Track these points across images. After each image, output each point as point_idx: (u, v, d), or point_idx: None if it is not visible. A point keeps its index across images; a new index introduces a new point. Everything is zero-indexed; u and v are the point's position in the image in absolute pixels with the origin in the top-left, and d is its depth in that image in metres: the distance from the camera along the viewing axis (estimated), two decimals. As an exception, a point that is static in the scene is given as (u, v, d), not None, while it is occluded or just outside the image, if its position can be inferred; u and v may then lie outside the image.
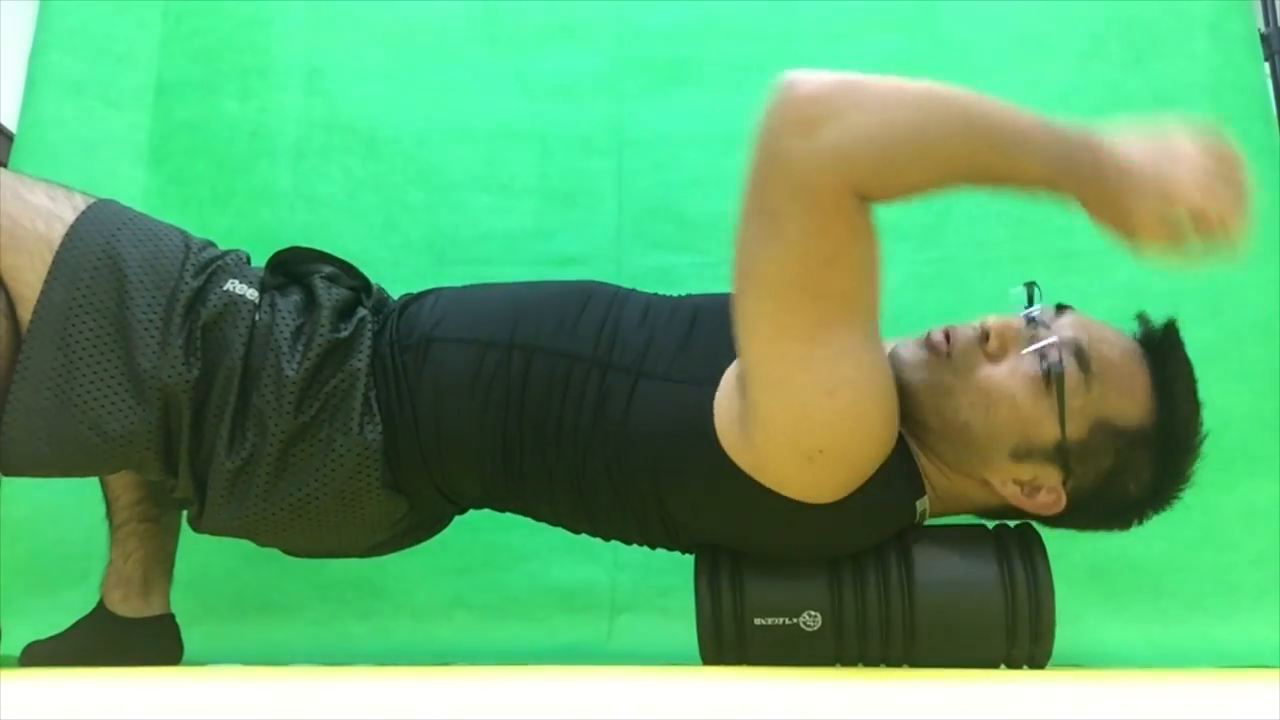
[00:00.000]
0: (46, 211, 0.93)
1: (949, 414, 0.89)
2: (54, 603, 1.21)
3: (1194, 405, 0.90)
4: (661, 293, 1.03)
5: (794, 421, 0.83)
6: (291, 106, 1.55)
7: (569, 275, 1.47)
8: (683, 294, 1.02)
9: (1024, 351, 0.88)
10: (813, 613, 0.90)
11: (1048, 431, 0.87)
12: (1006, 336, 0.89)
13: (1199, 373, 0.91)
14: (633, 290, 1.02)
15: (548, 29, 1.59)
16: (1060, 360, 0.86)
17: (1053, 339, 0.87)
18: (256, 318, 0.94)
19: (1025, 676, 0.86)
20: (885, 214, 1.57)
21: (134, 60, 1.56)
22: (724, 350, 0.89)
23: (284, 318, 0.95)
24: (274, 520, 0.94)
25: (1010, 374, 0.88)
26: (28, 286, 0.91)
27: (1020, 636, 0.90)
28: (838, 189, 0.79)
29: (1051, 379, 0.86)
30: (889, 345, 1.12)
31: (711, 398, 0.88)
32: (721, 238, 1.48)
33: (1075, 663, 1.15)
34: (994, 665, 0.92)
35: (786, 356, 0.82)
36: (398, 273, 1.43)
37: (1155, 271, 1.43)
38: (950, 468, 0.92)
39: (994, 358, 0.89)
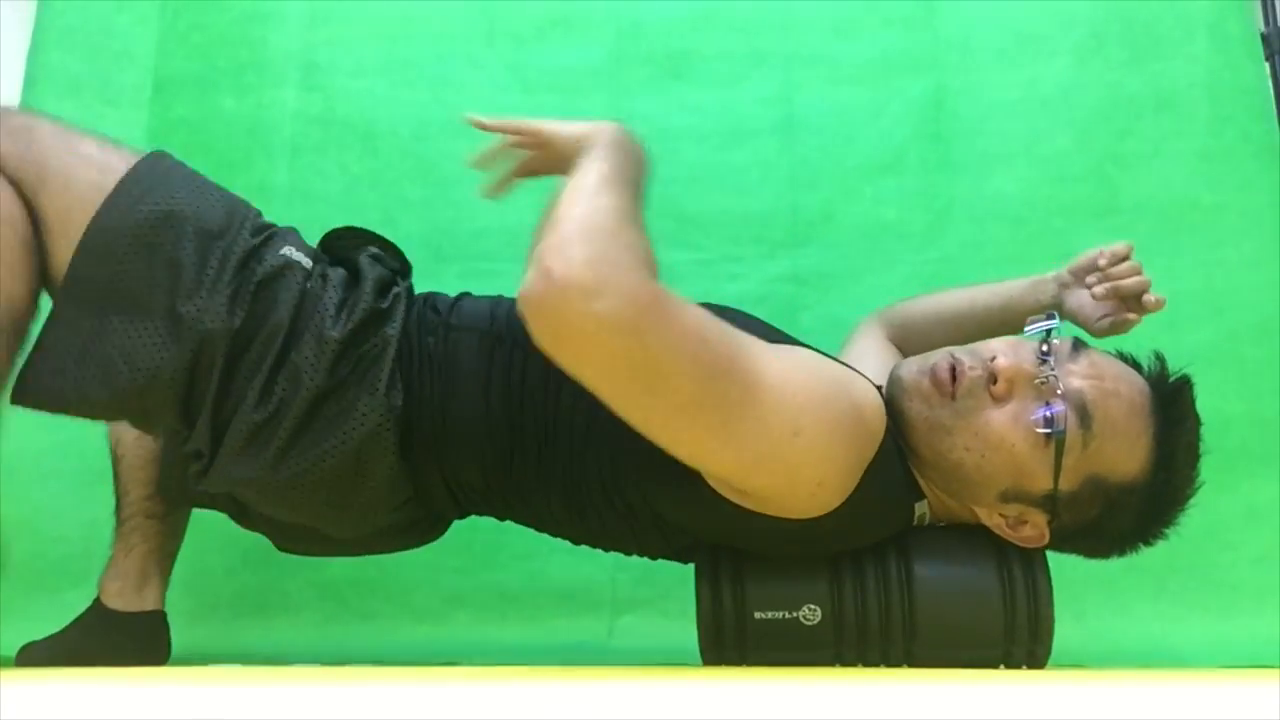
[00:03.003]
0: (100, 162, 0.93)
1: (944, 450, 0.89)
2: (54, 602, 1.21)
3: (1192, 467, 0.89)
4: None
5: (784, 477, 0.82)
6: (288, 102, 1.55)
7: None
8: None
9: (1031, 413, 0.86)
10: (813, 606, 0.91)
11: (1040, 483, 0.87)
12: (1016, 381, 0.87)
13: (1199, 373, 0.92)
14: None
15: (546, 23, 1.59)
16: (1064, 426, 0.85)
17: (1059, 400, 0.85)
18: (308, 285, 0.95)
19: (1025, 676, 0.86)
20: (886, 213, 1.58)
21: (132, 58, 1.56)
22: None
23: (333, 288, 0.96)
24: (284, 479, 0.92)
25: (1013, 422, 0.86)
26: (76, 228, 0.90)
27: (1019, 635, 0.91)
28: (652, 290, 0.75)
29: (1052, 438, 0.85)
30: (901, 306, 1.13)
31: None
32: (720, 233, 1.50)
33: (1076, 662, 1.15)
34: (993, 664, 0.92)
35: (743, 443, 0.80)
36: (396, 270, 1.43)
37: (1155, 272, 1.44)
38: (940, 490, 0.93)
39: (1000, 400, 0.87)
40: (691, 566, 0.96)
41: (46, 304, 0.92)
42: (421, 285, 1.07)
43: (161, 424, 0.97)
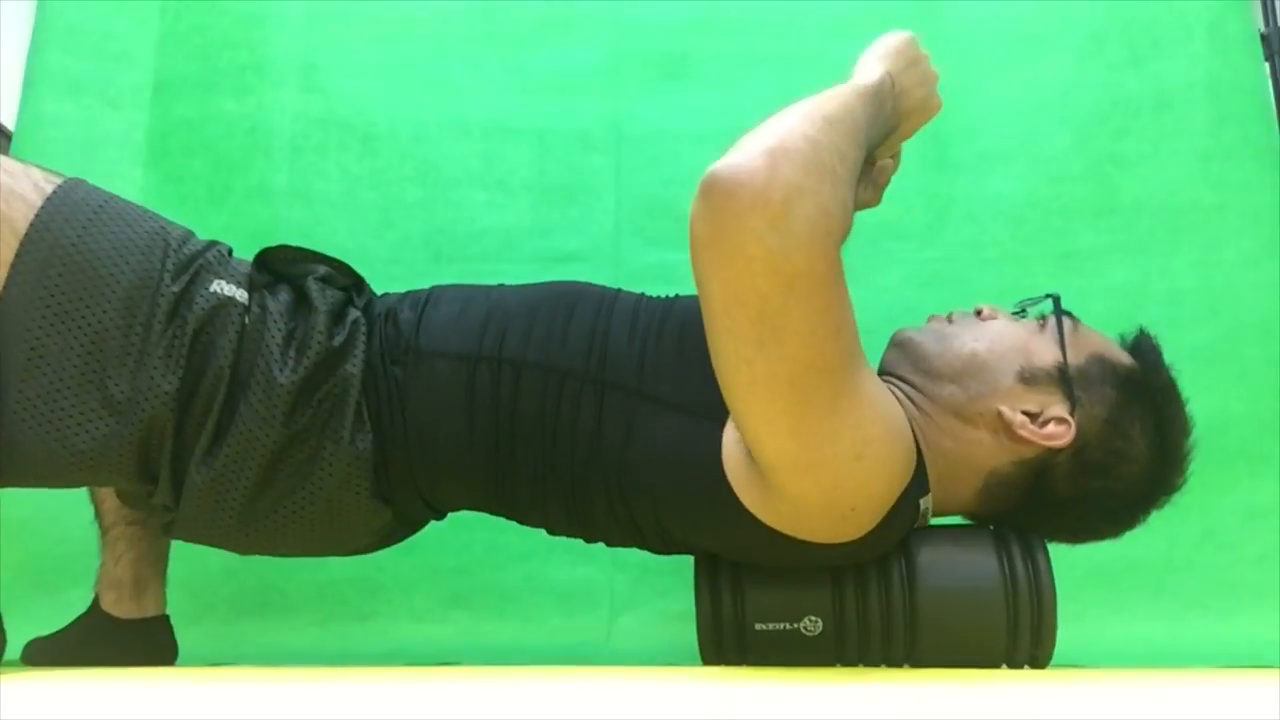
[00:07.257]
0: (6, 189, 0.87)
1: (957, 349, 0.93)
2: (55, 602, 1.21)
3: (1177, 391, 0.93)
4: (658, 290, 1.02)
5: (826, 493, 0.80)
6: (288, 103, 1.55)
7: (567, 272, 1.47)
8: (667, 295, 0.99)
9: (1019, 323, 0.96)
10: (814, 618, 0.90)
11: (1049, 354, 0.92)
12: (999, 311, 0.98)
13: (1198, 373, 0.93)
14: (619, 292, 0.99)
15: (545, 24, 1.59)
16: (1054, 306, 0.94)
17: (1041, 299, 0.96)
18: (246, 321, 0.90)
19: (1026, 676, 0.85)
20: (885, 213, 1.57)
21: (132, 58, 1.56)
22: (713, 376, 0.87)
23: (275, 321, 0.91)
24: (253, 528, 0.90)
25: (1006, 322, 0.96)
26: None
27: (1022, 637, 0.90)
28: (829, 259, 0.71)
29: (1046, 318, 0.94)
30: None
31: (718, 440, 0.84)
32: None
33: (1076, 663, 1.15)
34: (995, 666, 0.92)
35: (809, 441, 0.77)
36: (394, 270, 1.44)
37: (1154, 272, 1.45)
38: (961, 417, 0.91)
39: (989, 320, 0.96)
40: (690, 564, 0.95)
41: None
42: (421, 285, 1.05)
43: (125, 485, 0.93)
